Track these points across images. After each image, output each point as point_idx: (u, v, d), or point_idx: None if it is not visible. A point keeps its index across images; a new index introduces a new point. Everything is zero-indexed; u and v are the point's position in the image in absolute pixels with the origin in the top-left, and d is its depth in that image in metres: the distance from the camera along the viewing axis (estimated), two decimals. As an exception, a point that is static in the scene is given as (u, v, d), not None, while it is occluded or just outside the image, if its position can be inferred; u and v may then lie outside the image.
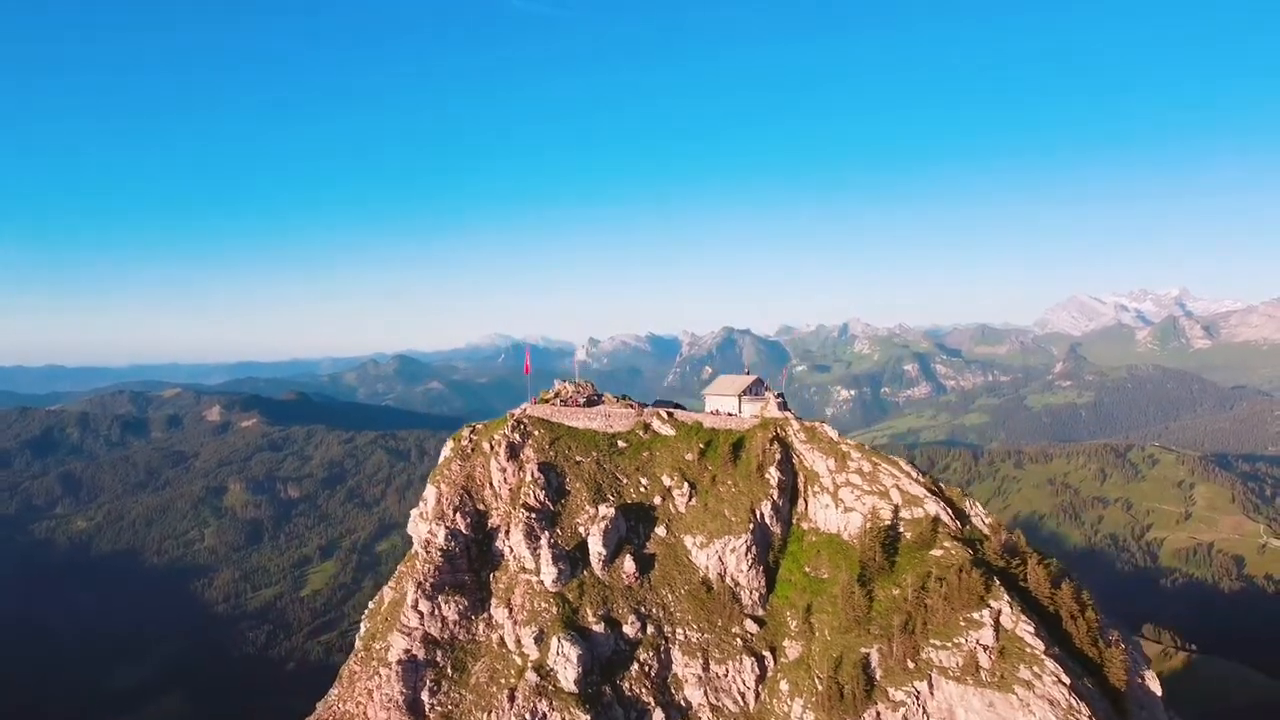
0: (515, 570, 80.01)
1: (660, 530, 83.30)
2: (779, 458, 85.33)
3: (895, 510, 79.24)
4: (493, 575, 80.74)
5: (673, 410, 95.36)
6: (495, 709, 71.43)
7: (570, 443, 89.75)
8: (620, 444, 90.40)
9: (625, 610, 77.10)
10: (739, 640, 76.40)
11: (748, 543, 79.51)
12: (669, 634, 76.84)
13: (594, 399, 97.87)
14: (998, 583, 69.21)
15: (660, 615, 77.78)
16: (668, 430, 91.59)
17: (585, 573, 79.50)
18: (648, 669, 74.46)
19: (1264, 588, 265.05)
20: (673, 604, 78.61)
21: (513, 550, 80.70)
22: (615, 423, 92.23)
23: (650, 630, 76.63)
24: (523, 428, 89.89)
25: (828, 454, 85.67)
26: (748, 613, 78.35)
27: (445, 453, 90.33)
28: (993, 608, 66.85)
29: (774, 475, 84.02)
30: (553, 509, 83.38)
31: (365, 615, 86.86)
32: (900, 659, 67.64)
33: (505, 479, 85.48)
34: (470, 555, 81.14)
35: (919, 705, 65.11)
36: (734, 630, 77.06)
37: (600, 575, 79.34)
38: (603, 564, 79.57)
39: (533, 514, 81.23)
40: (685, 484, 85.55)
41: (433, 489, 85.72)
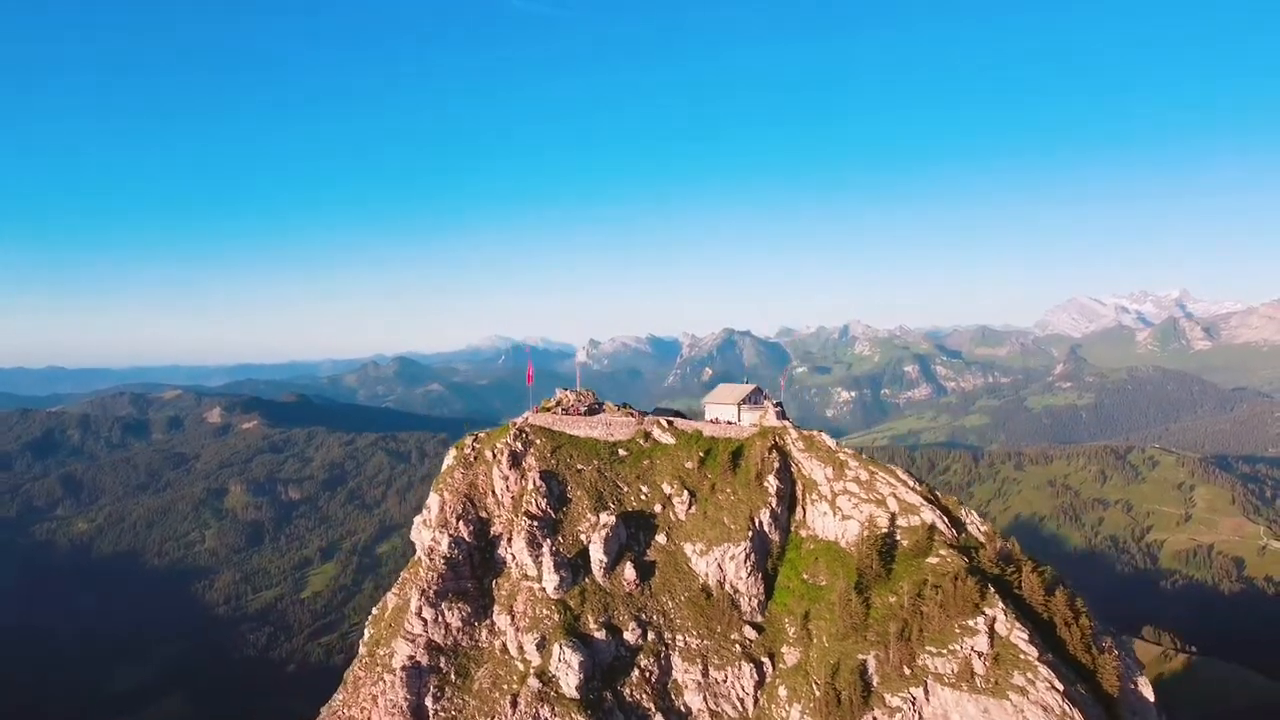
0: (518, 577, 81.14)
1: (660, 538, 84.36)
2: (777, 466, 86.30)
3: (892, 518, 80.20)
4: (495, 582, 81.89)
5: (673, 419, 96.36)
6: (498, 715, 72.50)
7: (572, 451, 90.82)
8: (621, 452, 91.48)
9: (626, 617, 78.20)
10: (738, 646, 77.41)
11: (747, 550, 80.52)
12: (669, 640, 77.93)
13: (595, 407, 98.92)
14: (992, 590, 70.16)
15: (660, 622, 78.87)
16: (668, 439, 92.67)
17: (587, 580, 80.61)
18: (648, 675, 75.54)
19: (1264, 589, 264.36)
20: (673, 611, 79.70)
21: (515, 557, 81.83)
22: (616, 431, 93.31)
23: (651, 637, 77.72)
24: (524, 436, 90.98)
25: (825, 462, 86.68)
26: (747, 619, 79.41)
27: (448, 461, 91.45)
28: (987, 615, 67.81)
29: (772, 483, 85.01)
30: (554, 517, 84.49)
31: (369, 621, 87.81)
32: (897, 665, 68.64)
33: (507, 487, 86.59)
34: (473, 562, 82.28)
35: (915, 711, 66.07)
36: (733, 637, 78.09)
37: (601, 582, 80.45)
38: (604, 571, 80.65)
39: (535, 522, 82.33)
40: (685, 492, 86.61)
41: (436, 497, 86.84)
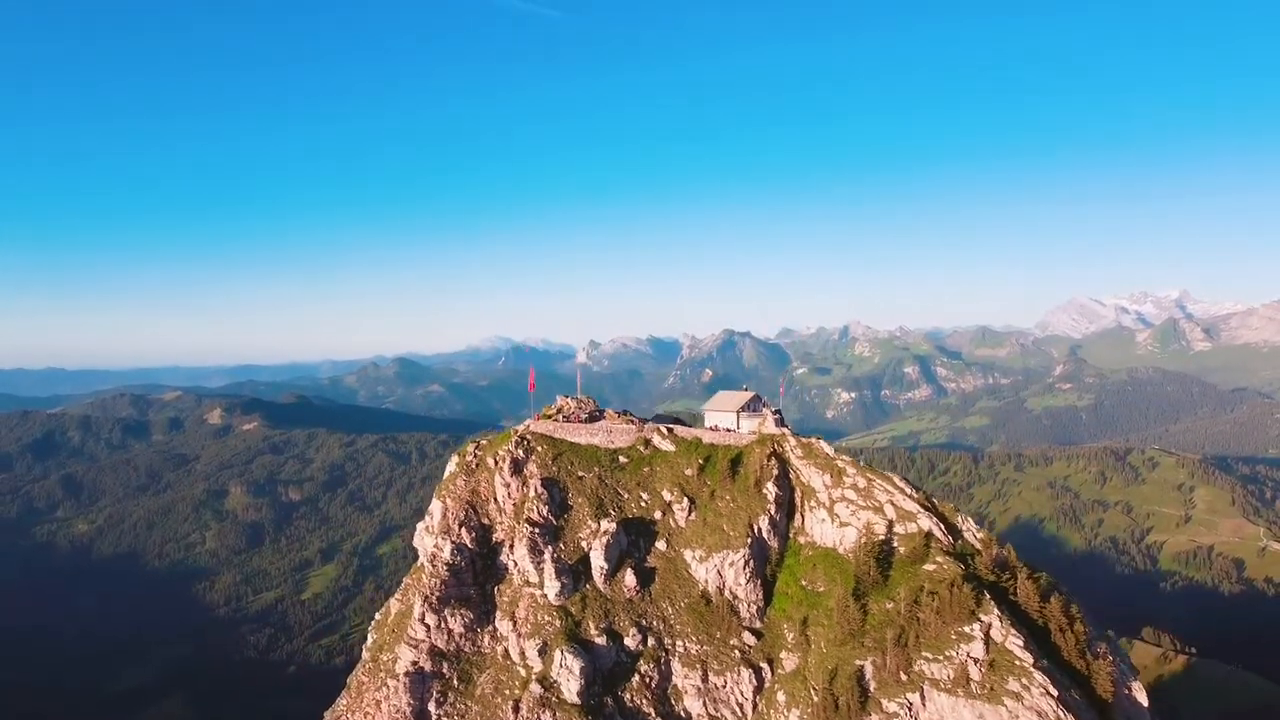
0: (519, 584, 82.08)
1: (660, 544, 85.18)
2: (776, 473, 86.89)
3: (889, 525, 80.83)
4: (497, 589, 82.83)
5: (672, 426, 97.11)
6: (500, 720, 73.49)
7: (573, 458, 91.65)
8: (621, 459, 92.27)
9: (626, 623, 79.12)
10: (737, 652, 78.23)
11: (745, 557, 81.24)
12: (669, 646, 78.81)
13: (596, 414, 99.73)
14: (988, 597, 70.83)
15: (660, 628, 79.75)
16: (668, 446, 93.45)
17: (587, 586, 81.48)
18: (648, 680, 76.46)
19: (1264, 591, 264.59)
20: (673, 617, 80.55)
21: (517, 564, 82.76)
22: (616, 438, 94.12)
23: (651, 642, 78.60)
24: (526, 443, 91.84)
25: (823, 469, 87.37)
26: (746, 625, 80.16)
27: (450, 468, 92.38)
28: (983, 621, 68.48)
29: (771, 490, 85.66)
30: (556, 524, 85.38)
31: (372, 626, 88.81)
32: (894, 671, 69.37)
33: (509, 494, 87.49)
34: (475, 569, 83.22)
35: (911, 716, 66.81)
36: (732, 642, 78.89)
37: (602, 589, 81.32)
38: (604, 578, 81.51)
39: (536, 529, 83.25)
40: (685, 499, 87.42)
41: (438, 503, 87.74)
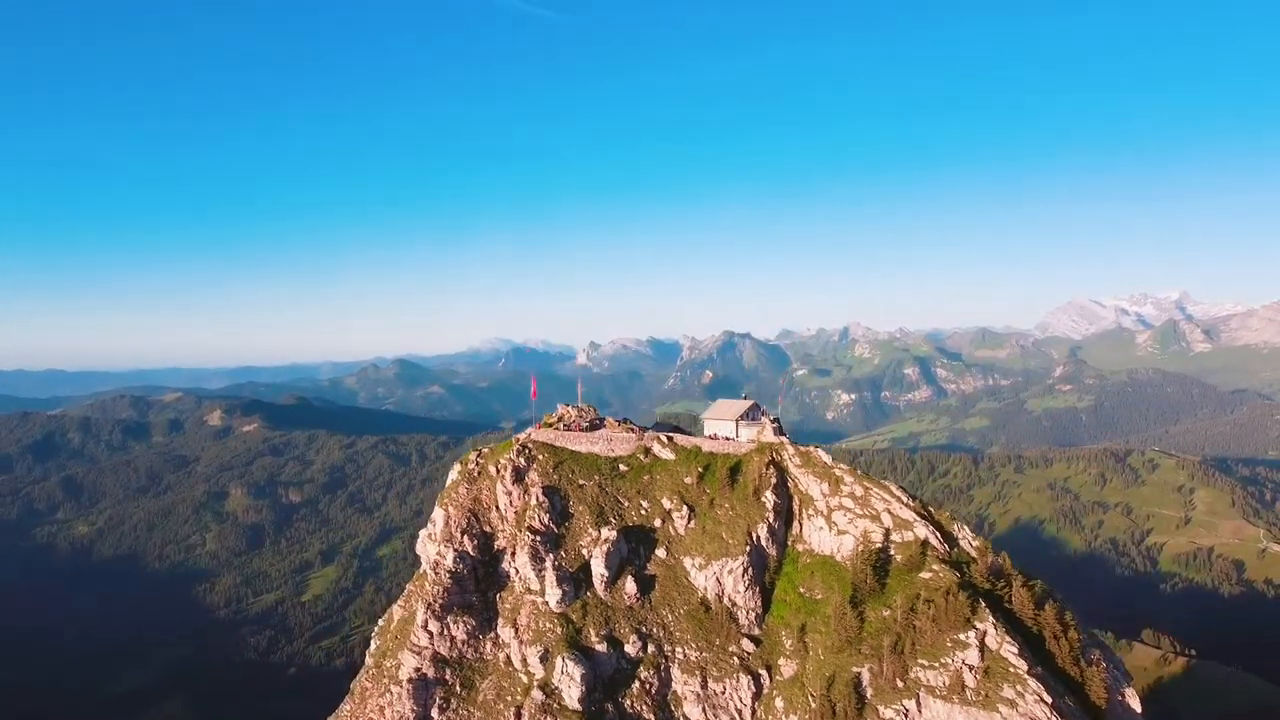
0: (521, 591, 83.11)
1: (660, 552, 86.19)
2: (774, 481, 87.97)
3: (886, 533, 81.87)
4: (499, 596, 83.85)
5: (672, 434, 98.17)
6: (502, 726, 74.42)
7: (573, 466, 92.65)
8: (622, 467, 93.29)
9: (627, 630, 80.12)
10: (736, 659, 79.24)
11: (744, 564, 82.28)
12: (669, 653, 79.83)
13: (596, 423, 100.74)
14: (983, 605, 71.88)
15: (660, 635, 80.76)
16: (667, 454, 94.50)
17: (588, 594, 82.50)
18: (648, 687, 77.48)
19: (1264, 592, 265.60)
20: (672, 624, 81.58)
21: (518, 572, 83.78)
22: (617, 447, 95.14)
23: (651, 649, 79.63)
24: (527, 452, 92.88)
25: (821, 478, 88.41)
26: (744, 632, 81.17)
27: (452, 476, 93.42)
28: (978, 629, 69.53)
29: (770, 499, 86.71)
30: (557, 532, 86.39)
31: (375, 632, 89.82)
32: (890, 678, 70.44)
33: (511, 502, 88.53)
34: (478, 576, 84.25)
35: (907, 723, 68.01)
36: (731, 649, 79.92)
37: (603, 596, 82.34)
38: (605, 585, 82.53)
39: (538, 537, 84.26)
40: (684, 507, 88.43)
41: (441, 511, 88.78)
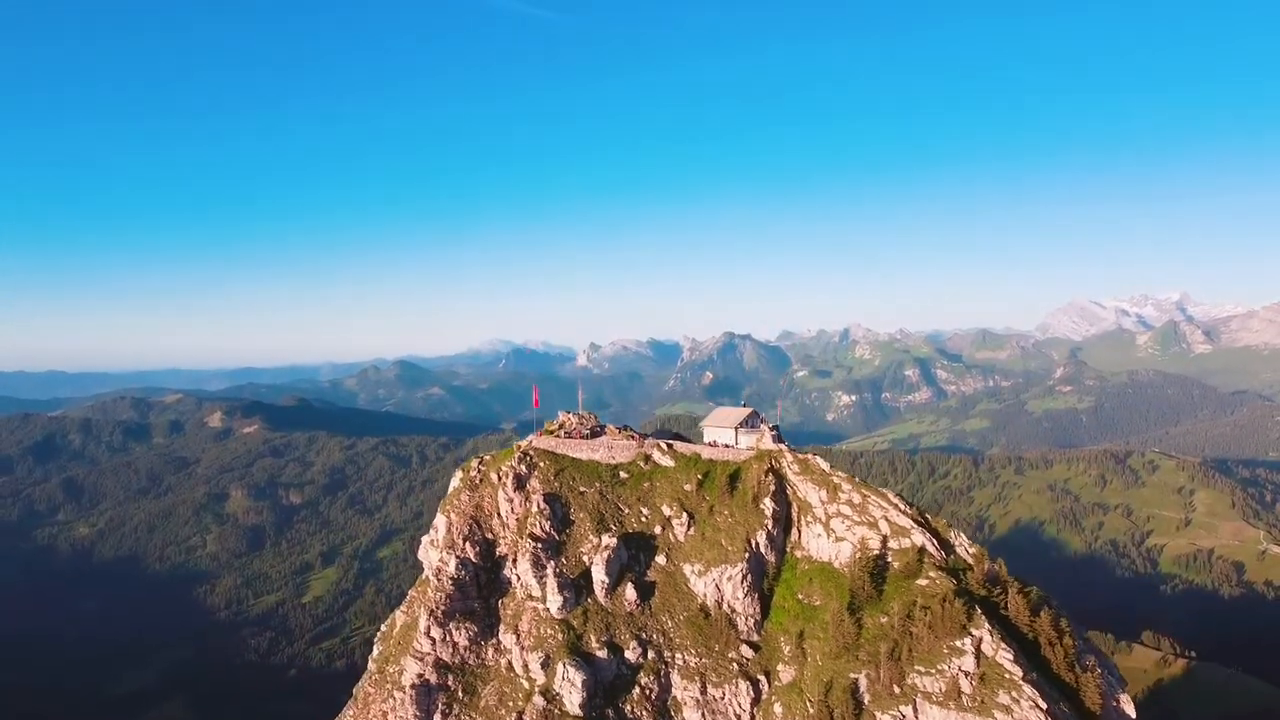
0: (522, 598, 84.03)
1: (660, 559, 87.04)
2: (773, 489, 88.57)
3: (884, 540, 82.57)
4: (501, 602, 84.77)
5: (672, 442, 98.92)
6: (504, 731, 75.33)
7: (574, 474, 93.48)
8: (622, 474, 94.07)
9: (627, 636, 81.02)
10: (735, 665, 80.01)
11: (743, 571, 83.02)
12: (669, 659, 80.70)
13: (597, 430, 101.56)
14: (979, 611, 72.62)
15: (660, 641, 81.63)
16: (667, 461, 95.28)
17: (589, 600, 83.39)
18: (648, 692, 78.36)
19: (1264, 594, 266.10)
20: (672, 630, 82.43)
21: (520, 578, 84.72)
22: (617, 454, 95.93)
23: (651, 655, 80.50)
24: (529, 459, 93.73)
25: (820, 485, 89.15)
26: (743, 638, 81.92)
27: (454, 483, 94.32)
28: (974, 635, 70.27)
29: (769, 506, 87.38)
30: (558, 538, 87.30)
31: (378, 638, 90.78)
32: (887, 684, 71.22)
33: (512, 509, 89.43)
34: (479, 583, 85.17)
35: (904, 729, 68.83)
36: (730, 655, 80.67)
37: (603, 602, 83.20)
38: (606, 592, 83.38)
39: (539, 543, 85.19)
40: (684, 514, 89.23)
41: (443, 518, 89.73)
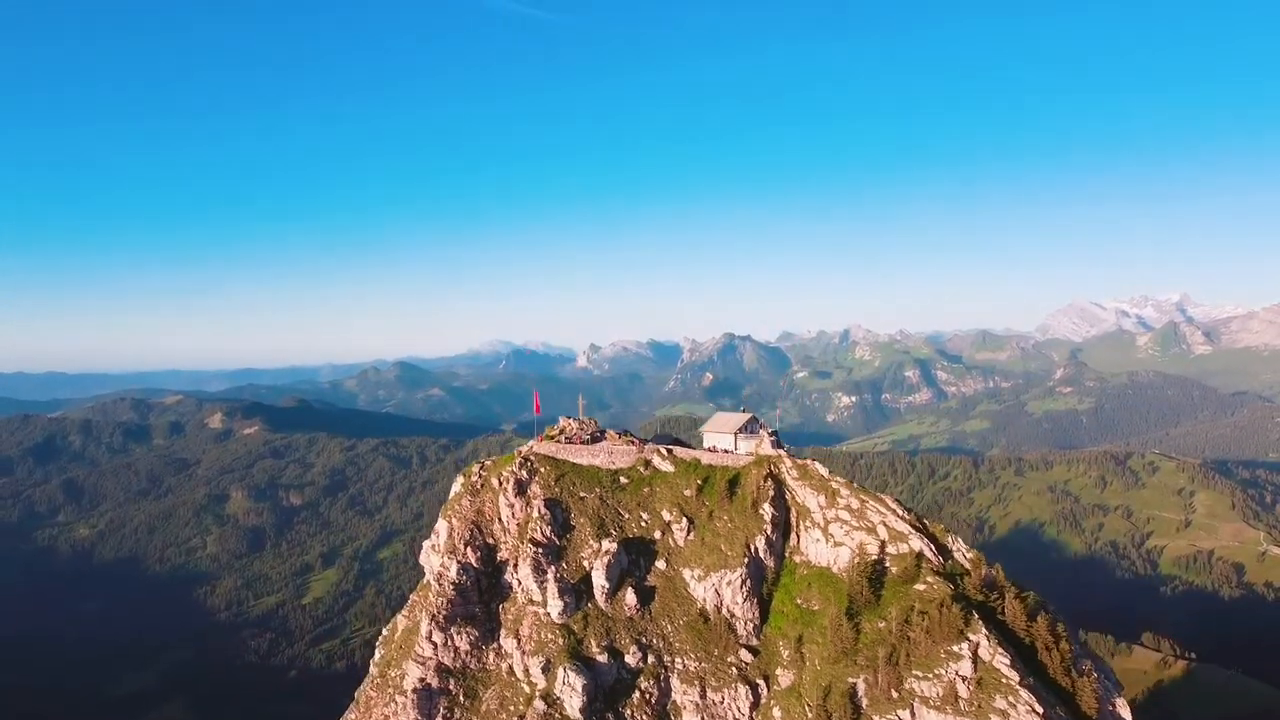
0: (523, 602, 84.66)
1: (660, 564, 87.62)
2: (772, 494, 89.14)
3: (882, 546, 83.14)
4: (502, 607, 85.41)
5: (672, 447, 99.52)
6: (505, 735, 75.92)
7: (575, 479, 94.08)
8: (622, 480, 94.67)
9: (627, 641, 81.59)
10: (734, 669, 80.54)
11: (743, 576, 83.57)
12: (668, 663, 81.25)
13: (597, 435, 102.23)
14: (977, 616, 73.21)
15: (660, 645, 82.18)
16: (667, 467, 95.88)
17: (589, 605, 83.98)
18: (648, 697, 78.92)
19: (1264, 595, 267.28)
20: (672, 634, 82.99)
21: (521, 583, 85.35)
22: (617, 459, 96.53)
23: (651, 660, 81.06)
24: (529, 465, 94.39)
25: (818, 490, 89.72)
26: (743, 643, 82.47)
27: (455, 488, 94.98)
28: (971, 640, 70.84)
29: (768, 511, 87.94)
30: (558, 543, 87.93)
31: (380, 642, 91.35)
32: (885, 689, 71.78)
33: (513, 514, 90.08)
34: (481, 587, 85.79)
35: (902, 733, 69.39)
36: (729, 659, 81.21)
37: (603, 607, 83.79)
38: (606, 596, 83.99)
39: (539, 548, 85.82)
40: (684, 519, 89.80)
41: (444, 523, 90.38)
